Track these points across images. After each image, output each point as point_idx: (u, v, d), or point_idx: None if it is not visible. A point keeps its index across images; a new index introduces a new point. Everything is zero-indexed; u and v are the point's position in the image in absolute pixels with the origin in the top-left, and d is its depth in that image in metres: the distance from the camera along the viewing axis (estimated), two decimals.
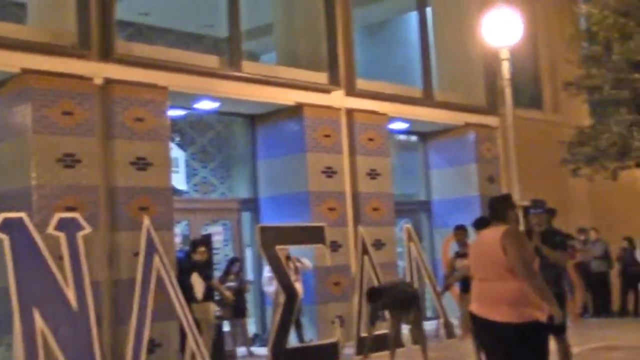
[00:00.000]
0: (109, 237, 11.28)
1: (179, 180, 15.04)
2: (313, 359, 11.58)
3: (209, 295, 11.57)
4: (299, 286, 12.73)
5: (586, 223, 17.79)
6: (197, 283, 11.39)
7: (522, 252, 6.14)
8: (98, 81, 11.42)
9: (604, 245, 16.50)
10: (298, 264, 13.07)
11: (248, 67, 13.39)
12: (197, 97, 13.19)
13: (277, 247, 11.72)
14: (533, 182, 16.58)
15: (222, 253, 15.43)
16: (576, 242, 15.63)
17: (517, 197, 14.02)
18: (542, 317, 6.05)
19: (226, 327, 13.40)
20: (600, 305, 16.42)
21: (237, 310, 13.24)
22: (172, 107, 12.71)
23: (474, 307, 6.36)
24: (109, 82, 11.50)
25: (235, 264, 13.43)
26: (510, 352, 6.04)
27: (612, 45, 15.03)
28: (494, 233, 6.29)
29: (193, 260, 11.64)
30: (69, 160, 10.88)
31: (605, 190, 17.84)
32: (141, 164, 11.64)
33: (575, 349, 8.66)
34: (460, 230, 10.97)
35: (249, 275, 14.41)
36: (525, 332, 6.01)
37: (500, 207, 6.52)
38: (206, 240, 12.59)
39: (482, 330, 6.34)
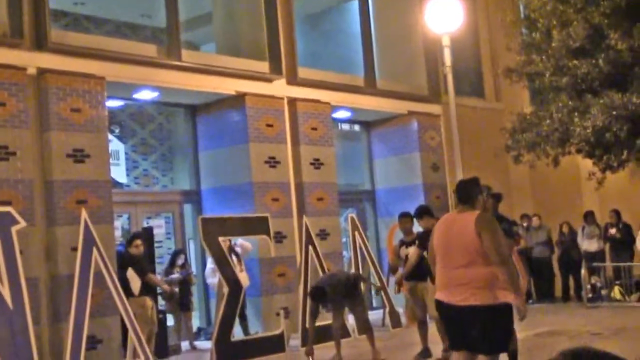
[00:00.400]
0: (46, 232, 10.97)
1: (119, 173, 14.78)
2: (258, 352, 11.42)
3: (146, 289, 11.30)
4: (243, 277, 12.57)
5: (528, 209, 17.95)
6: (133, 277, 11.12)
7: (497, 238, 6.16)
8: (32, 71, 11.08)
9: (547, 231, 16.65)
10: (238, 249, 12.88)
11: (188, 56, 13.15)
12: (136, 87, 12.91)
13: (220, 239, 11.55)
14: (476, 170, 16.60)
15: (164, 246, 15.20)
16: (519, 229, 15.73)
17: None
18: (511, 300, 6.14)
19: (170, 321, 13.19)
20: (543, 291, 16.58)
21: (182, 304, 13.02)
22: (111, 97, 12.44)
23: (442, 295, 6.35)
24: (43, 72, 11.15)
25: (179, 255, 13.21)
26: (484, 333, 6.14)
27: (552, 32, 15.12)
28: (465, 217, 6.27)
29: (129, 254, 11.38)
30: (3, 153, 10.54)
31: (546, 176, 18.00)
32: (79, 156, 11.33)
33: (519, 335, 8.66)
34: (406, 218, 10.87)
35: (193, 268, 14.19)
36: (497, 314, 6.11)
37: (468, 191, 6.49)
38: (142, 234, 12.33)
39: (454, 315, 6.35)
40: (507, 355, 8.24)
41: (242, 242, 13.04)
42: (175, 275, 12.91)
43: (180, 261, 13.12)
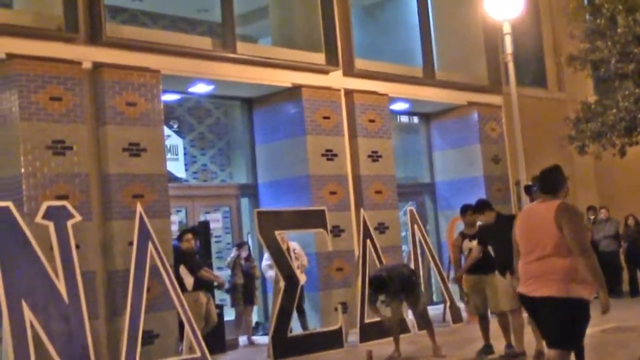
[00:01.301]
0: (102, 226, 10.96)
1: (178, 168, 14.79)
2: (316, 347, 11.25)
3: (199, 284, 11.21)
4: (299, 273, 12.43)
5: (593, 201, 17.45)
6: (185, 273, 11.05)
7: (578, 228, 5.98)
8: (87, 65, 11.07)
9: (615, 224, 16.11)
10: (293, 254, 12.70)
11: (243, 49, 13.04)
12: (191, 81, 12.84)
13: (277, 233, 11.41)
14: (538, 161, 16.15)
15: (223, 240, 15.14)
16: (585, 221, 15.28)
17: (522, 177, 13.74)
18: (589, 297, 5.93)
19: (231, 315, 13.10)
20: (610, 286, 16.01)
21: (245, 297, 12.91)
22: (166, 91, 12.38)
23: (522, 288, 6.21)
24: (98, 66, 11.13)
25: (242, 247, 13.09)
26: (555, 326, 5.98)
27: (617, 18, 14.63)
28: (546, 207, 6.09)
29: (180, 249, 11.30)
30: (59, 148, 10.54)
31: (612, 167, 17.48)
32: (134, 150, 11.29)
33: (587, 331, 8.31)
34: (470, 210, 10.54)
35: None
36: (570, 307, 5.89)
37: (551, 180, 6.26)
38: (194, 229, 12.25)
39: (532, 308, 6.25)
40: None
41: (300, 253, 12.82)
42: (230, 257, 12.84)
43: (244, 254, 13.00)
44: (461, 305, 13.33)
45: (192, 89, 13.32)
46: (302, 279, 12.37)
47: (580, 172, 18.09)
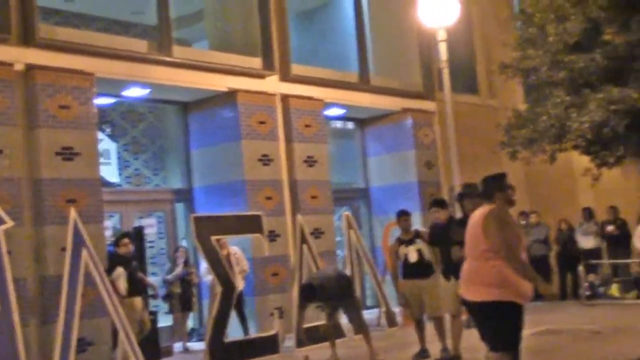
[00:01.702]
0: (34, 232, 10.71)
1: (111, 173, 14.54)
2: (252, 353, 11.21)
3: (135, 290, 11.06)
4: (239, 278, 12.40)
5: (524, 206, 17.75)
6: (119, 278, 10.88)
7: (502, 233, 6.15)
8: (19, 67, 10.82)
9: (546, 229, 16.45)
10: (233, 258, 12.65)
11: (179, 52, 12.92)
12: (126, 84, 12.67)
13: (214, 238, 11.34)
14: (471, 167, 16.48)
15: (156, 246, 14.96)
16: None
17: (456, 182, 13.92)
18: (520, 300, 6.11)
19: (169, 321, 12.97)
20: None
21: (183, 303, 12.79)
22: (101, 94, 12.20)
23: (461, 291, 6.48)
24: (30, 68, 10.90)
25: (179, 252, 12.95)
26: (487, 330, 6.26)
27: (548, 28, 14.93)
28: (480, 213, 6.37)
29: (117, 254, 11.15)
30: None
31: (542, 173, 17.84)
32: (67, 154, 11.08)
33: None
34: (405, 216, 10.63)
35: None
36: (499, 310, 6.09)
37: (488, 187, 6.51)
38: (130, 233, 12.10)
39: (470, 310, 6.56)
40: None
41: (240, 257, 12.76)
42: (176, 272, 12.69)
43: (181, 259, 12.87)
44: (396, 310, 13.45)
45: (126, 93, 13.15)
46: (241, 284, 12.36)
47: (511, 178, 18.32)
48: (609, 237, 15.94)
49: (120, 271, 10.91)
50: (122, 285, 10.82)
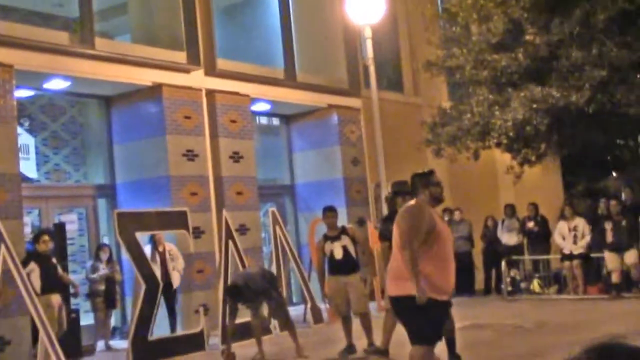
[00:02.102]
0: None
1: (29, 168, 14.12)
2: (177, 350, 11.04)
3: (51, 287, 10.77)
4: (176, 275, 12.24)
5: (448, 203, 17.90)
6: (32, 274, 10.55)
7: (408, 225, 6.22)
8: None
9: (469, 225, 16.66)
10: (169, 253, 12.47)
11: (101, 45, 12.65)
12: (46, 76, 12.35)
13: (138, 234, 11.13)
14: (396, 164, 16.59)
15: (77, 243, 14.62)
16: None
17: (382, 179, 13.99)
18: (434, 296, 6.10)
19: (90, 319, 12.67)
20: (463, 285, 16.50)
21: (107, 301, 12.52)
22: (20, 87, 11.84)
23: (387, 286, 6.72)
24: None
25: (102, 249, 12.66)
26: (403, 324, 6.41)
27: (471, 26, 15.14)
28: (401, 209, 6.63)
29: (36, 251, 10.84)
30: None
31: (465, 170, 18.07)
32: None
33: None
34: (331, 212, 10.60)
35: None
36: (410, 305, 6.08)
37: (413, 184, 6.59)
38: (51, 230, 11.79)
39: (391, 305, 6.78)
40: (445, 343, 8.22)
41: (176, 254, 12.58)
42: (101, 272, 12.41)
43: (104, 256, 12.58)
44: (322, 306, 13.43)
45: (47, 85, 12.81)
46: (177, 281, 12.24)
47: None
48: (530, 233, 16.23)
49: (32, 267, 10.58)
50: (35, 281, 10.47)
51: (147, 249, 11.89)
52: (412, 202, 6.44)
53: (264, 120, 17.52)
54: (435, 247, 6.21)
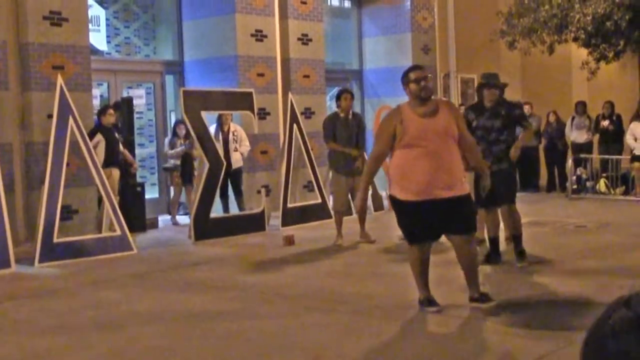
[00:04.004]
0: (20, 97, 10.52)
1: (99, 40, 14.19)
2: (237, 230, 11.19)
3: (112, 161, 10.95)
4: (237, 155, 12.30)
5: (518, 96, 17.56)
6: (99, 145, 10.69)
7: (378, 127, 6.57)
8: None
9: (538, 121, 16.27)
10: (235, 135, 12.49)
11: None
12: None
13: (203, 113, 11.16)
14: (468, 55, 16.23)
15: (145, 117, 14.80)
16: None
17: (452, 69, 13.70)
18: (402, 197, 6.17)
19: (155, 193, 12.92)
20: (528, 180, 16.29)
21: (184, 176, 12.70)
22: None
23: None
24: None
25: (179, 126, 12.73)
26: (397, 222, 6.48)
27: None
28: None
29: (101, 124, 10.98)
30: None
31: (538, 64, 17.58)
32: (56, 19, 10.76)
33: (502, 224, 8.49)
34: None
35: None
36: (394, 205, 6.36)
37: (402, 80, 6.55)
38: (117, 104, 11.91)
39: None
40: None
41: (241, 135, 12.54)
42: (179, 148, 12.56)
43: (182, 132, 12.67)
44: (383, 194, 13.43)
45: None
46: (238, 162, 12.30)
47: (507, 67, 18.15)
48: (603, 131, 15.80)
49: (99, 138, 10.74)
50: (100, 153, 10.63)
51: (212, 128, 11.93)
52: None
53: (335, 2, 17.17)
54: (406, 149, 6.15)
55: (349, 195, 10.46)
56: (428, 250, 6.35)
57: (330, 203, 12.07)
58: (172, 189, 12.95)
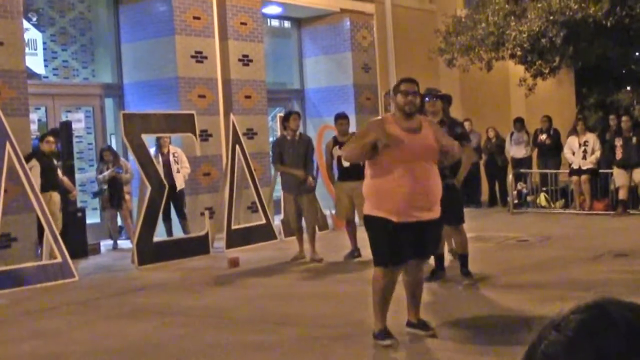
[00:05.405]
0: None
1: (37, 64, 13.98)
2: (181, 253, 11.09)
3: (50, 185, 10.78)
4: (180, 177, 12.21)
5: (457, 114, 17.76)
6: (34, 171, 10.49)
7: (358, 139, 6.14)
8: None
9: (477, 137, 16.48)
10: (176, 157, 12.41)
11: None
12: None
13: (144, 136, 11.06)
14: (407, 72, 16.30)
15: (84, 141, 14.60)
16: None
17: (392, 86, 13.78)
18: (381, 215, 5.85)
19: (96, 218, 12.74)
20: (470, 196, 16.44)
21: (112, 201, 12.55)
22: None
23: None
24: None
25: (105, 152, 12.62)
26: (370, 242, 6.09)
27: None
28: None
29: (40, 150, 10.81)
30: None
31: (477, 81, 17.83)
32: None
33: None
34: (343, 119, 10.58)
35: None
36: (369, 224, 6.03)
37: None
38: (57, 131, 11.74)
39: None
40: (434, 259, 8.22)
41: (180, 157, 12.45)
42: (106, 172, 12.41)
43: (109, 158, 12.52)
44: (327, 212, 13.45)
45: None
46: (181, 183, 12.24)
47: (446, 85, 18.35)
48: (541, 145, 16.06)
49: (33, 163, 10.54)
50: (35, 178, 10.42)
51: (152, 151, 11.84)
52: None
53: (275, 23, 17.21)
54: (386, 165, 5.81)
55: (298, 214, 10.49)
56: (398, 276, 6.02)
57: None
58: (102, 213, 12.83)
